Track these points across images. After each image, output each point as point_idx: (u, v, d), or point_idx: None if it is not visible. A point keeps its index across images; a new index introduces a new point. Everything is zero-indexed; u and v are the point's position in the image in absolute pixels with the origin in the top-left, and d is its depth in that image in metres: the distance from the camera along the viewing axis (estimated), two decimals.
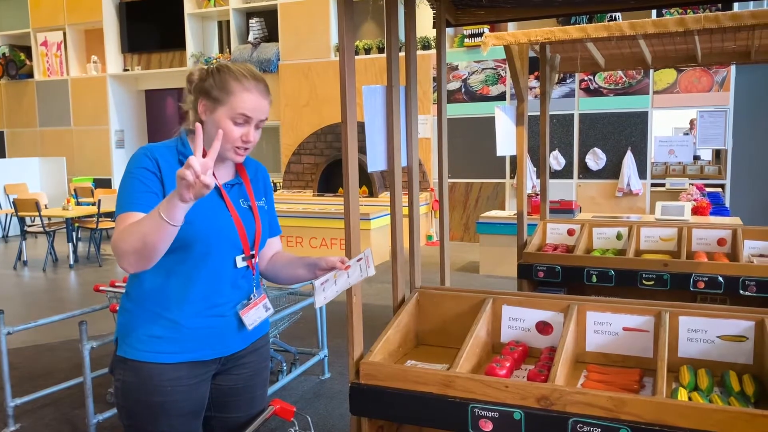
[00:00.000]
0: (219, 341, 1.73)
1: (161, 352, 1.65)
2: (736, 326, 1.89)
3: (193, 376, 1.70)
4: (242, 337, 1.79)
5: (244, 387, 1.84)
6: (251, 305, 1.77)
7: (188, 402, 1.70)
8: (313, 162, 9.87)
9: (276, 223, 1.94)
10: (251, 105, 1.65)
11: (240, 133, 1.65)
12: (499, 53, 8.20)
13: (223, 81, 1.66)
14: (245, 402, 1.86)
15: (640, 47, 3.60)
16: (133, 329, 1.67)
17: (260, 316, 1.79)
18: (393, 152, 2.13)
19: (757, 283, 3.04)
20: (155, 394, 1.65)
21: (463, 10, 2.50)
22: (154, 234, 1.44)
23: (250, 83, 1.66)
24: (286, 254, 1.94)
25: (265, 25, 10.24)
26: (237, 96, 1.64)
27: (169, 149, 1.69)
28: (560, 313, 2.08)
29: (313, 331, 4.35)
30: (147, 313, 1.66)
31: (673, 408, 1.53)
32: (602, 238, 3.76)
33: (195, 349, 1.69)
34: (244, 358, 1.81)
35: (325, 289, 1.75)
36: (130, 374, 1.67)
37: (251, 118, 1.66)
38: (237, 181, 1.78)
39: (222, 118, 1.65)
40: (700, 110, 7.34)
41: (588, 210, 7.97)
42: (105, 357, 4.10)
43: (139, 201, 1.59)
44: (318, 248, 7.78)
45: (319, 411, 3.61)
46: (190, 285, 1.67)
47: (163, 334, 1.65)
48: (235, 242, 1.72)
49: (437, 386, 1.75)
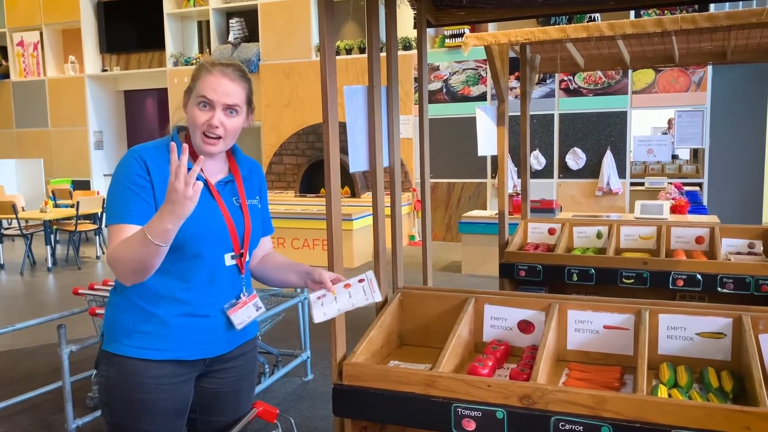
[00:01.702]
0: (205, 342, 1.71)
1: (146, 348, 1.64)
2: (714, 323, 1.92)
3: (176, 375, 1.68)
4: (229, 339, 1.77)
5: (230, 391, 1.83)
6: (240, 304, 1.75)
7: (171, 401, 1.69)
8: (294, 162, 9.84)
9: (269, 222, 1.93)
10: (212, 86, 1.63)
11: (204, 118, 1.63)
12: (479, 54, 8.24)
13: (196, 71, 1.68)
14: (231, 406, 1.84)
15: (619, 48, 3.63)
16: (120, 324, 1.66)
17: (250, 315, 1.77)
18: (375, 152, 2.13)
19: (734, 281, 3.08)
20: (138, 391, 1.64)
21: (443, 10, 2.51)
22: (147, 257, 1.50)
23: (215, 67, 1.65)
24: (278, 256, 1.92)
25: (246, 25, 10.19)
26: (201, 80, 1.65)
27: (158, 149, 1.68)
28: (542, 312, 2.09)
29: (295, 333, 4.34)
30: (135, 308, 1.65)
31: (654, 405, 1.54)
32: (582, 237, 3.79)
33: (180, 348, 1.67)
34: (230, 362, 1.80)
35: (324, 305, 1.74)
36: (114, 369, 1.66)
37: (213, 101, 1.63)
38: (230, 178, 1.77)
39: (191, 105, 1.66)
40: (678, 110, 7.44)
41: (568, 209, 8.03)
42: (84, 361, 4.05)
43: (130, 212, 1.58)
44: (300, 249, 7.76)
45: (302, 412, 3.60)
46: (180, 283, 1.66)
47: (150, 330, 1.64)
48: (225, 240, 1.71)
49: (420, 386, 1.75)
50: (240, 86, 1.69)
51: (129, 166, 1.62)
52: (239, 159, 1.82)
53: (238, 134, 1.72)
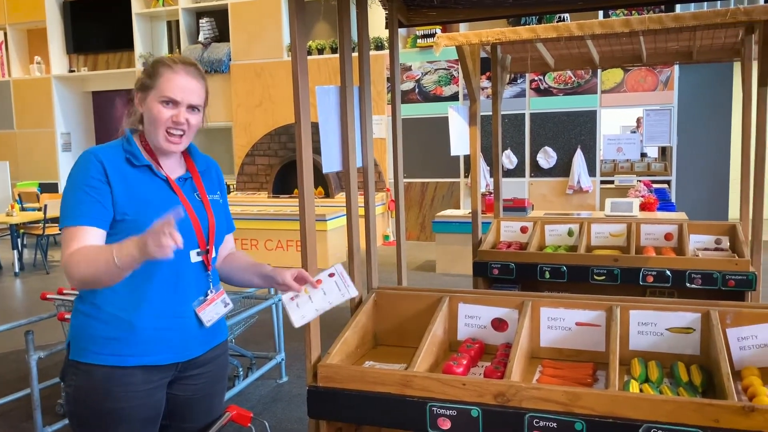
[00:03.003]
0: (178, 344, 1.69)
1: (115, 354, 1.61)
2: (684, 318, 1.95)
3: (147, 382, 1.65)
4: (201, 341, 1.75)
5: (202, 396, 1.80)
6: (208, 301, 1.73)
7: (143, 408, 1.65)
8: (267, 163, 9.78)
9: (230, 219, 1.92)
10: (178, 85, 1.63)
11: (168, 114, 1.64)
12: (451, 54, 8.27)
13: (153, 68, 1.67)
14: (203, 411, 1.82)
15: (588, 47, 3.68)
16: (86, 331, 1.63)
17: (218, 312, 1.76)
18: (348, 153, 2.12)
19: (702, 276, 3.14)
20: (108, 399, 1.60)
21: (415, 10, 2.51)
22: (106, 276, 1.51)
23: (177, 66, 1.66)
24: (242, 257, 1.91)
25: (216, 25, 10.09)
26: (163, 78, 1.64)
27: (114, 149, 1.66)
28: (515, 309, 2.10)
29: (269, 335, 4.31)
30: (102, 314, 1.62)
31: (625, 400, 1.57)
32: (554, 234, 3.84)
33: (151, 353, 1.64)
34: (202, 367, 1.78)
35: (300, 306, 1.73)
36: (83, 378, 1.62)
37: (179, 101, 1.64)
38: (188, 175, 1.76)
39: (151, 102, 1.65)
40: (646, 109, 7.56)
41: (540, 207, 8.11)
42: (52, 367, 3.97)
43: (83, 214, 1.55)
44: (274, 250, 7.71)
45: (276, 415, 3.58)
46: (147, 284, 1.63)
47: (119, 336, 1.61)
48: (190, 236, 1.68)
49: (395, 386, 1.75)
50: (202, 85, 1.70)
51: (85, 168, 1.60)
52: (195, 156, 1.81)
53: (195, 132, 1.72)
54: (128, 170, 1.64)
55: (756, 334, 1.88)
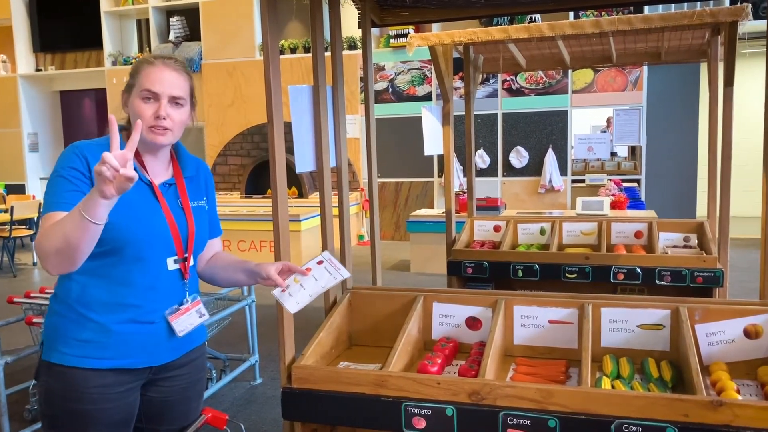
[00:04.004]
0: (148, 349, 1.66)
1: (88, 357, 1.59)
2: (654, 315, 1.98)
3: (120, 384, 1.63)
4: (174, 346, 1.72)
5: (178, 399, 1.78)
6: (182, 311, 1.70)
7: (116, 411, 1.63)
8: (239, 163, 9.70)
9: (217, 223, 1.90)
10: (156, 78, 1.61)
11: (151, 110, 1.61)
12: (424, 54, 8.29)
13: (135, 67, 1.66)
14: (179, 414, 1.80)
15: (559, 48, 3.72)
16: (60, 332, 1.60)
17: (192, 322, 1.72)
18: (321, 153, 2.11)
19: (671, 273, 3.20)
20: (81, 401, 1.58)
21: (387, 10, 2.51)
22: (75, 233, 1.39)
23: (156, 60, 1.65)
24: (225, 256, 1.89)
25: (187, 23, 9.99)
26: (143, 73, 1.63)
27: (100, 146, 1.62)
28: (488, 308, 2.12)
29: (243, 337, 4.27)
30: (75, 316, 1.59)
31: (598, 397, 1.58)
32: (527, 233, 3.87)
33: (123, 356, 1.62)
34: (177, 369, 1.76)
35: (293, 295, 1.71)
36: (55, 380, 1.59)
37: (158, 93, 1.61)
38: (172, 181, 1.73)
39: (134, 100, 1.63)
40: (616, 108, 7.65)
41: (513, 206, 8.18)
42: (20, 372, 3.89)
43: (64, 200, 1.52)
44: (247, 251, 7.65)
45: (251, 417, 3.55)
46: (121, 288, 1.60)
47: (91, 338, 1.59)
48: (168, 244, 1.66)
49: (370, 386, 1.75)
50: (184, 78, 1.67)
51: (69, 159, 1.58)
52: (183, 160, 1.78)
53: (183, 128, 1.69)
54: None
55: (723, 330, 1.92)
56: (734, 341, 1.91)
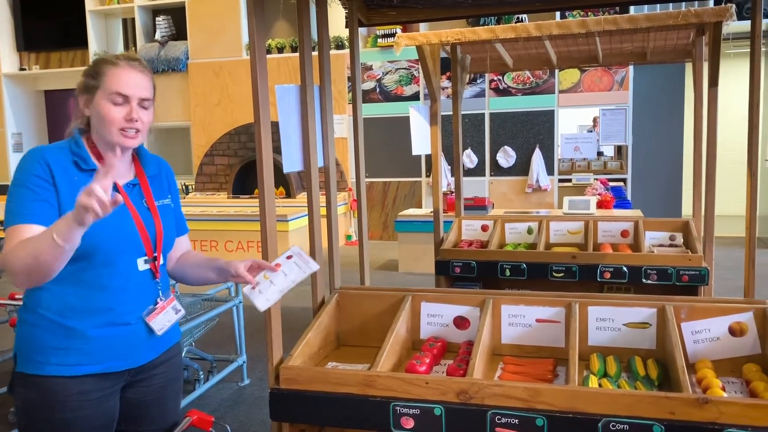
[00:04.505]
0: (127, 352, 1.65)
1: (66, 364, 1.56)
2: (640, 314, 1.99)
3: (100, 389, 1.62)
4: (152, 346, 1.72)
5: (155, 399, 1.77)
6: (158, 310, 1.71)
7: (96, 417, 1.62)
8: (226, 163, 9.65)
9: (183, 221, 1.89)
10: (125, 80, 1.60)
11: (122, 113, 1.60)
12: (412, 53, 8.29)
13: (96, 68, 1.63)
14: (157, 415, 1.79)
15: (546, 48, 3.73)
16: (34, 342, 1.57)
17: (170, 319, 1.73)
18: (309, 152, 2.11)
19: (657, 272, 3.22)
20: (61, 410, 1.56)
21: (374, 10, 2.51)
22: (47, 255, 1.39)
23: (121, 62, 1.62)
24: (195, 254, 1.88)
25: (173, 22, 9.92)
26: (108, 75, 1.60)
27: (62, 150, 1.60)
28: (476, 307, 2.12)
29: (230, 338, 4.25)
30: (49, 324, 1.57)
31: (585, 395, 1.59)
32: (514, 233, 3.88)
33: (102, 361, 1.61)
34: (154, 369, 1.75)
35: (262, 291, 1.71)
36: (33, 391, 1.57)
37: (129, 96, 1.60)
38: (136, 181, 1.72)
39: (100, 102, 1.60)
40: (602, 108, 7.68)
41: (500, 206, 8.21)
42: (5, 375, 3.85)
43: (29, 211, 1.50)
44: (234, 252, 7.62)
45: (239, 418, 3.54)
46: (94, 292, 1.59)
47: (67, 345, 1.57)
48: (137, 245, 1.65)
49: (358, 387, 1.75)
50: (149, 78, 1.67)
51: (30, 167, 1.55)
52: (145, 159, 1.77)
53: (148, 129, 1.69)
54: (75, 173, 1.59)
55: (709, 328, 1.93)
56: (719, 339, 1.92)
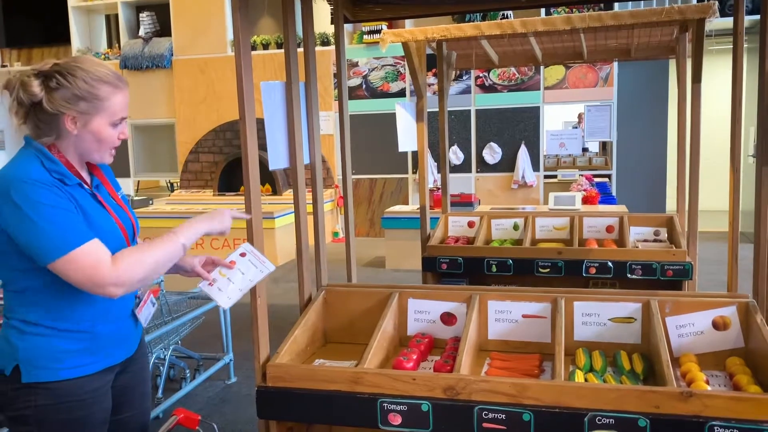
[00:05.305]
0: (126, 342, 1.74)
1: (81, 365, 1.61)
2: (625, 308, 2.01)
3: (106, 383, 1.68)
4: (138, 332, 1.81)
5: (138, 382, 1.82)
6: (142, 303, 1.81)
7: (104, 409, 1.67)
8: (212, 160, 9.60)
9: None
10: (125, 102, 1.63)
11: (116, 134, 1.63)
12: (397, 50, 8.28)
13: (90, 88, 1.54)
14: (138, 396, 1.83)
15: (531, 45, 3.74)
16: (45, 350, 1.58)
17: (150, 311, 1.84)
18: (295, 149, 2.10)
19: (642, 267, 3.25)
20: (77, 409, 1.60)
21: (360, 6, 2.51)
22: (173, 259, 1.60)
23: (118, 82, 1.61)
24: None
25: (157, 19, 9.84)
26: (112, 100, 1.58)
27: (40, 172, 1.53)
28: (463, 303, 2.13)
29: (217, 336, 4.23)
30: (56, 331, 1.58)
31: (571, 390, 1.60)
32: (500, 229, 3.89)
33: (108, 355, 1.67)
34: (136, 354, 1.81)
35: (222, 289, 1.73)
36: (45, 398, 1.57)
37: (126, 117, 1.65)
38: (97, 181, 1.72)
39: (101, 126, 1.58)
40: (587, 104, 7.73)
41: (486, 202, 8.23)
42: None
43: (81, 231, 1.50)
44: (220, 249, 7.58)
45: (226, 417, 3.52)
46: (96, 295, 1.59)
47: (81, 346, 1.61)
48: (122, 242, 1.67)
49: (346, 383, 1.75)
50: None
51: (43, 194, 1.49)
52: None
53: None
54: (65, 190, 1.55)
55: (693, 322, 1.95)
56: (703, 333, 1.94)
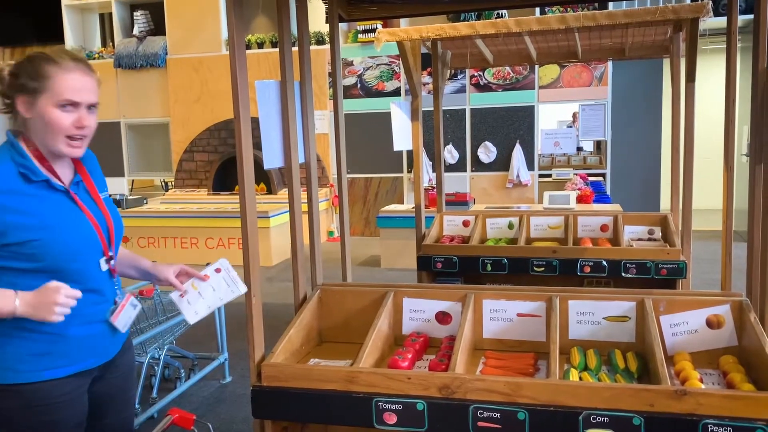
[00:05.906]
0: (101, 348, 1.68)
1: (48, 368, 1.56)
2: (619, 307, 2.01)
3: (78, 387, 1.63)
4: (117, 339, 1.75)
5: (119, 389, 1.79)
6: (119, 308, 1.72)
7: (76, 415, 1.62)
8: (206, 159, 9.58)
9: None
10: (75, 86, 1.52)
11: (71, 119, 1.53)
12: (392, 49, 8.30)
13: (37, 68, 1.51)
14: (121, 405, 1.81)
15: (526, 44, 3.75)
16: (9, 352, 1.55)
17: (131, 316, 1.75)
18: (290, 148, 2.10)
19: (636, 266, 3.25)
20: (46, 413, 1.55)
21: (355, 5, 2.50)
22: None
23: (68, 63, 1.53)
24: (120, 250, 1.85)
25: (151, 17, 9.81)
26: (57, 79, 1.51)
27: (5, 166, 1.52)
28: (458, 302, 2.13)
29: (211, 335, 4.23)
30: (23, 332, 1.54)
31: (566, 388, 1.61)
32: (495, 228, 3.90)
33: (81, 359, 1.62)
34: (117, 361, 1.77)
35: (191, 303, 1.72)
36: (13, 400, 1.55)
37: (79, 102, 1.53)
38: (78, 178, 1.67)
39: (46, 107, 1.51)
40: (582, 104, 7.77)
41: (481, 201, 8.24)
42: None
43: None
44: (215, 249, 7.57)
45: (221, 416, 3.52)
46: None
47: (49, 349, 1.56)
48: (97, 246, 1.64)
49: (341, 383, 1.75)
50: (96, 80, 1.60)
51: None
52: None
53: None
54: (24, 188, 1.52)
55: (687, 321, 1.96)
56: (697, 331, 1.95)
